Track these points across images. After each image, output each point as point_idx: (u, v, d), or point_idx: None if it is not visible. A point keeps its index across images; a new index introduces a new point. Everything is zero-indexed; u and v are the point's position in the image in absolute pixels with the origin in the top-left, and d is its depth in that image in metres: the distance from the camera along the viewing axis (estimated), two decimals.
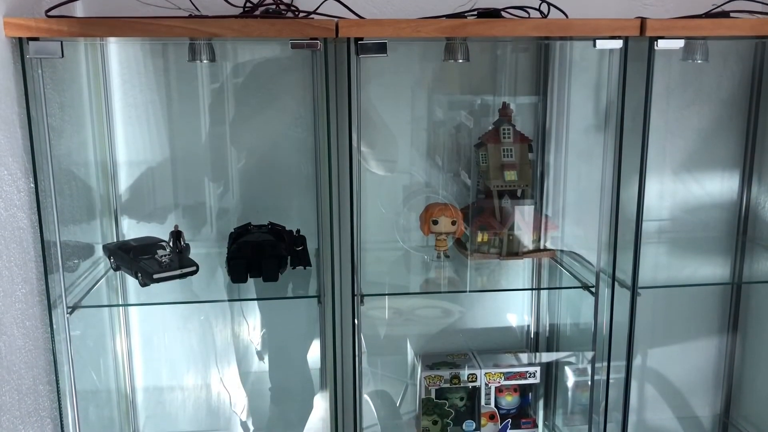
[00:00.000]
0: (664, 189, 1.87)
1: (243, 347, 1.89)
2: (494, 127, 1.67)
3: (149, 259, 1.51)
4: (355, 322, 1.55)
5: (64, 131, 1.50)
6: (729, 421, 2.01)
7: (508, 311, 1.95)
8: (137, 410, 1.87)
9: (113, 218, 1.73)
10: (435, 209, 1.66)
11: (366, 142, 1.75)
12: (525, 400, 1.84)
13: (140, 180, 1.73)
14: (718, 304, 1.96)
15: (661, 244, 1.89)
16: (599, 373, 1.63)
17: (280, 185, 1.77)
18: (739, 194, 1.88)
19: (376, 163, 1.79)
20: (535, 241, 1.68)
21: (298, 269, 1.63)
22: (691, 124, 1.85)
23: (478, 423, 1.80)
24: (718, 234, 1.91)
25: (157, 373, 1.86)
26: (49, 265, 1.38)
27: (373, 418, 1.94)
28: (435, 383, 1.78)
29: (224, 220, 1.77)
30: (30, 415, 1.30)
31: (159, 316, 1.83)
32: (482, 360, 1.82)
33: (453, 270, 1.73)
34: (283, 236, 1.63)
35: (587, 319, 1.64)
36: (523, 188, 1.67)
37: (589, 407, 1.67)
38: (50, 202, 1.36)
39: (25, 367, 1.29)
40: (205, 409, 1.90)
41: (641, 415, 2.01)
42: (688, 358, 1.99)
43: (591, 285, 1.59)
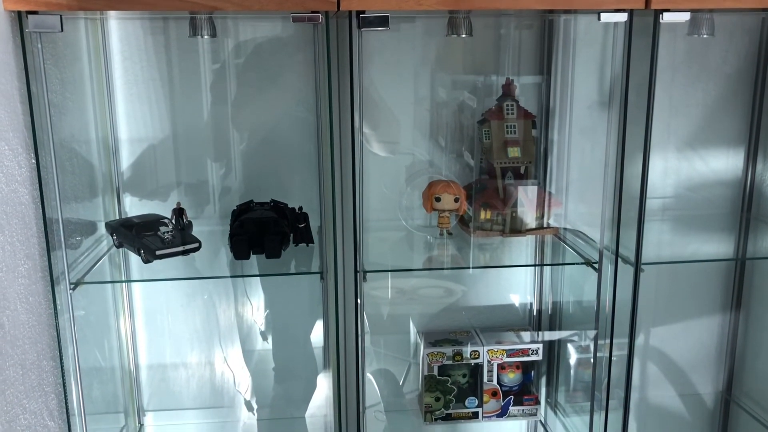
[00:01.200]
0: (668, 166, 1.86)
1: (246, 326, 1.90)
2: (497, 104, 1.66)
3: (152, 236, 1.51)
4: (358, 300, 1.55)
5: (65, 107, 1.49)
6: (731, 398, 2.01)
7: (510, 289, 1.95)
8: (141, 387, 1.88)
9: (115, 196, 1.73)
10: (438, 186, 1.65)
11: (368, 123, 1.74)
12: (527, 377, 1.84)
13: (142, 157, 1.73)
14: (722, 281, 1.96)
15: (664, 222, 1.88)
16: (602, 350, 1.64)
17: (283, 163, 1.76)
18: (744, 171, 1.87)
19: (379, 144, 1.78)
20: (538, 218, 1.68)
21: (301, 246, 1.63)
22: (696, 100, 1.83)
23: (480, 400, 1.81)
24: (723, 211, 1.90)
25: (160, 351, 1.87)
26: (52, 241, 1.37)
27: (376, 396, 1.95)
28: (437, 360, 1.78)
29: (227, 198, 1.76)
30: (34, 390, 1.30)
31: (162, 293, 1.83)
32: (485, 337, 1.83)
33: (456, 248, 1.73)
34: (285, 213, 1.63)
35: (590, 297, 1.64)
36: (527, 165, 1.66)
37: (592, 384, 1.68)
38: (52, 178, 1.36)
39: (29, 342, 1.29)
40: (209, 388, 1.91)
41: (643, 392, 2.02)
42: (690, 335, 1.99)
43: (594, 261, 1.58)
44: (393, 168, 1.80)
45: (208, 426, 1.93)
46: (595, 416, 1.67)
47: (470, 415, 1.81)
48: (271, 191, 1.71)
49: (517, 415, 1.83)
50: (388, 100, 1.76)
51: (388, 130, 1.79)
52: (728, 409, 2.02)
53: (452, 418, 1.81)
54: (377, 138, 1.78)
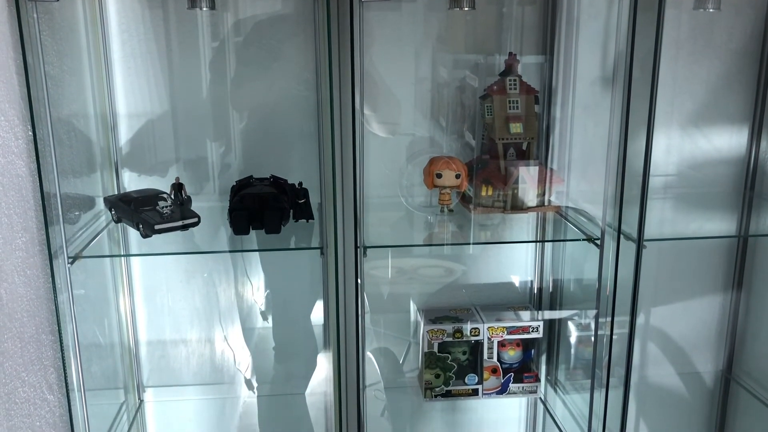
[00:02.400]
0: (671, 143, 1.84)
1: (246, 304, 1.89)
2: (500, 78, 1.64)
3: (150, 211, 1.50)
4: (358, 276, 1.54)
5: (62, 80, 1.47)
6: (731, 377, 2.01)
7: (511, 267, 1.94)
8: (141, 363, 1.87)
9: (114, 171, 1.71)
10: (439, 162, 1.63)
11: (368, 103, 1.72)
12: (527, 354, 1.84)
13: (141, 132, 1.71)
14: (723, 259, 1.95)
15: (667, 200, 1.87)
16: (602, 328, 1.63)
17: (282, 140, 1.75)
18: (748, 149, 1.86)
19: (379, 125, 1.77)
20: (540, 194, 1.66)
21: (301, 222, 1.62)
22: (701, 76, 1.81)
23: (480, 377, 1.81)
24: (725, 190, 1.88)
25: (160, 328, 1.87)
26: (49, 215, 1.36)
27: (376, 375, 1.95)
28: (438, 337, 1.78)
29: (226, 174, 1.75)
30: (33, 363, 1.30)
31: (161, 270, 1.82)
32: (485, 315, 1.82)
33: (456, 225, 1.72)
34: (285, 189, 1.62)
35: (591, 275, 1.63)
36: (529, 141, 1.65)
37: (592, 362, 1.67)
38: (49, 151, 1.35)
39: (27, 315, 1.28)
40: (209, 365, 1.91)
41: (644, 371, 2.02)
42: (691, 313, 1.99)
43: (596, 238, 1.57)
44: (393, 147, 1.79)
45: (208, 402, 1.93)
46: (596, 394, 1.67)
47: (470, 391, 1.81)
48: (270, 168, 1.70)
49: (517, 393, 1.83)
50: (389, 80, 1.74)
51: (389, 110, 1.77)
52: (728, 388, 2.02)
53: (452, 394, 1.81)
54: (377, 119, 1.76)
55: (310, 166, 1.72)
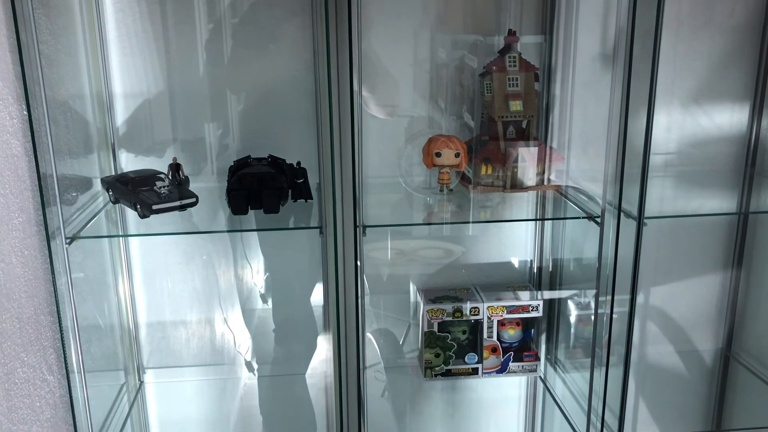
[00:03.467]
0: (671, 121, 1.83)
1: (246, 287, 1.89)
2: (499, 55, 1.62)
3: (148, 191, 1.49)
4: (357, 255, 1.53)
5: (57, 60, 1.46)
6: (731, 355, 2.02)
7: (511, 247, 1.94)
8: (140, 345, 1.87)
9: (111, 152, 1.70)
10: (438, 141, 1.62)
11: (367, 86, 1.71)
12: (527, 333, 1.84)
13: (137, 113, 1.70)
14: (724, 237, 1.95)
15: (667, 178, 1.87)
16: (602, 306, 1.63)
17: (280, 121, 1.73)
18: (749, 126, 1.85)
19: (378, 107, 1.75)
20: (540, 173, 1.65)
21: (300, 203, 1.61)
22: (702, 53, 1.80)
23: (480, 356, 1.81)
24: (726, 167, 1.88)
25: (160, 309, 1.86)
26: (46, 195, 1.35)
27: (376, 356, 1.95)
28: (437, 317, 1.78)
29: (224, 155, 1.74)
30: (32, 344, 1.30)
31: (160, 251, 1.82)
32: (485, 294, 1.82)
33: (456, 205, 1.71)
34: (283, 169, 1.61)
35: (591, 254, 1.63)
36: (529, 119, 1.64)
37: (592, 341, 1.67)
38: (45, 131, 1.33)
39: (26, 296, 1.28)
40: (209, 347, 1.91)
41: (643, 349, 2.02)
42: (691, 292, 1.99)
43: (596, 215, 1.57)
44: (392, 128, 1.78)
45: (208, 383, 1.94)
46: (595, 373, 1.67)
47: (470, 371, 1.81)
48: (268, 149, 1.69)
49: (517, 371, 1.83)
50: (387, 61, 1.73)
51: (387, 91, 1.76)
52: (727, 366, 2.02)
53: (452, 374, 1.81)
54: (376, 100, 1.75)
55: (309, 147, 1.71)
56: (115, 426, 1.70)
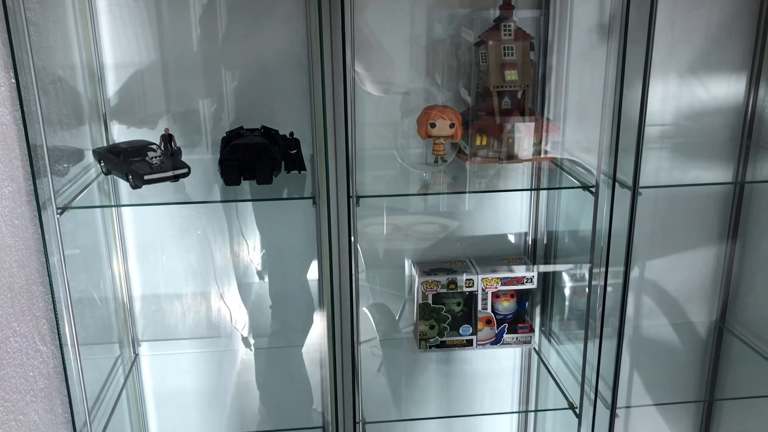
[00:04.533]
0: (668, 92, 1.82)
1: (241, 260, 1.88)
2: (495, 24, 1.61)
3: (140, 161, 1.48)
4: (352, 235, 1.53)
5: (45, 28, 1.43)
6: (724, 326, 2.02)
7: (506, 219, 1.93)
8: (135, 317, 1.87)
9: (102, 123, 1.68)
10: (433, 111, 1.60)
11: (362, 62, 1.69)
12: (522, 305, 1.84)
13: (129, 84, 1.68)
14: (719, 208, 1.94)
15: (663, 149, 1.86)
16: (596, 278, 1.63)
17: (273, 94, 1.72)
18: (746, 97, 1.83)
19: (372, 84, 1.74)
20: (535, 144, 1.64)
21: (293, 174, 1.60)
22: (699, 23, 1.78)
23: (474, 328, 1.81)
24: (722, 139, 1.87)
25: (154, 282, 1.86)
26: (36, 165, 1.34)
27: (372, 331, 1.95)
28: (432, 289, 1.77)
29: (217, 128, 1.72)
30: (24, 314, 1.29)
31: (154, 224, 1.80)
32: (480, 266, 1.82)
33: (451, 177, 1.70)
34: (276, 139, 1.59)
35: (586, 226, 1.63)
36: (524, 89, 1.62)
37: (586, 312, 1.68)
38: (34, 100, 1.31)
39: (17, 265, 1.27)
40: (204, 319, 1.91)
41: (637, 321, 2.03)
42: (686, 264, 1.99)
43: (591, 185, 1.56)
44: (388, 104, 1.76)
45: (204, 355, 1.94)
46: (589, 344, 1.68)
47: (464, 342, 1.81)
48: (262, 121, 1.67)
49: (512, 343, 1.84)
50: (382, 36, 1.71)
51: (382, 68, 1.74)
52: (721, 337, 2.03)
53: (447, 345, 1.81)
54: (371, 77, 1.73)
55: (302, 120, 1.70)
56: (110, 398, 1.70)
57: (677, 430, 2.16)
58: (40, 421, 1.34)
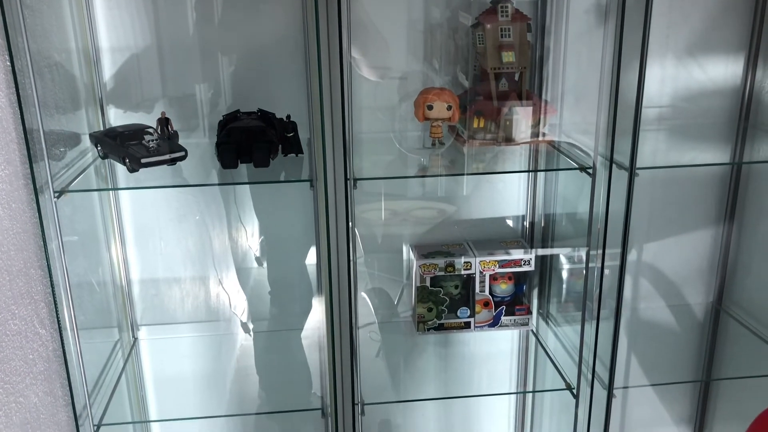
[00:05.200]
0: (665, 74, 1.82)
1: (239, 244, 1.88)
2: (492, 6, 1.60)
3: (137, 145, 1.47)
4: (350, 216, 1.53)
5: (40, 11, 1.42)
6: (721, 308, 2.03)
7: (504, 202, 1.93)
8: (134, 302, 1.88)
9: (99, 107, 1.68)
10: (430, 93, 1.60)
11: (359, 48, 1.68)
12: (519, 287, 1.85)
13: (125, 68, 1.67)
14: (716, 190, 1.95)
15: (660, 132, 1.86)
16: (594, 260, 1.63)
17: (270, 78, 1.71)
18: (743, 79, 1.83)
19: (369, 69, 1.73)
20: (533, 126, 1.64)
21: (290, 157, 1.60)
22: (696, 5, 1.77)
23: (472, 310, 1.82)
24: (720, 121, 1.86)
25: (152, 267, 1.86)
26: (33, 149, 1.34)
27: (370, 316, 1.96)
28: (430, 272, 1.78)
29: (214, 112, 1.72)
30: (22, 297, 1.29)
31: (151, 208, 1.80)
32: (477, 249, 1.82)
33: (449, 160, 1.70)
34: (273, 122, 1.59)
35: (584, 209, 1.63)
36: (521, 70, 1.62)
37: (583, 294, 1.68)
38: (29, 83, 1.31)
39: (15, 249, 1.27)
40: (203, 303, 1.91)
41: (635, 303, 2.03)
42: (683, 246, 2.00)
43: (589, 167, 1.56)
44: (385, 89, 1.76)
45: (203, 339, 1.94)
46: (586, 326, 1.68)
47: (462, 324, 1.82)
48: (258, 105, 1.67)
49: (509, 325, 1.85)
50: (379, 22, 1.70)
51: (379, 53, 1.73)
52: (718, 318, 2.04)
53: (445, 327, 1.82)
54: (367, 62, 1.72)
55: (299, 104, 1.69)
56: (110, 381, 1.71)
57: (674, 411, 2.18)
58: (40, 404, 1.35)
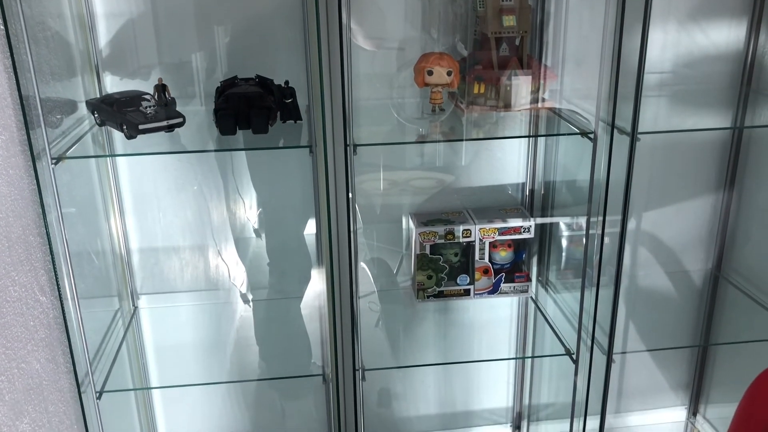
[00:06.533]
0: (667, 39, 1.80)
1: (237, 212, 1.88)
2: None
3: (134, 111, 1.46)
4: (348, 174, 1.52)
5: None
6: (720, 274, 2.04)
7: (503, 170, 1.92)
8: (133, 271, 1.87)
9: (95, 74, 1.66)
10: (430, 58, 1.58)
11: (357, 17, 1.66)
12: (519, 255, 1.85)
13: (121, 34, 1.65)
14: (717, 157, 1.94)
15: (662, 98, 1.84)
16: (594, 227, 1.63)
17: (269, 47, 1.69)
18: (746, 44, 1.81)
19: (366, 39, 1.71)
20: (533, 91, 1.63)
21: (289, 124, 1.59)
22: None
23: (472, 277, 1.82)
24: (722, 86, 1.85)
25: (152, 236, 1.85)
26: (29, 115, 1.32)
27: (370, 286, 1.96)
28: (429, 239, 1.78)
29: (211, 79, 1.70)
30: (22, 264, 1.29)
31: (150, 176, 1.79)
32: (477, 217, 1.82)
33: (449, 127, 1.69)
34: (271, 89, 1.57)
35: (584, 176, 1.62)
36: (522, 35, 1.60)
37: (583, 260, 1.68)
38: (24, 48, 1.29)
39: (13, 215, 1.27)
40: (203, 270, 1.91)
41: (634, 270, 2.04)
42: (683, 213, 1.99)
43: (590, 132, 1.55)
44: (383, 56, 1.74)
45: (203, 308, 1.95)
46: (586, 292, 1.69)
47: (462, 292, 1.82)
48: (256, 71, 1.65)
49: (509, 292, 1.85)
50: None
51: (376, 23, 1.70)
52: (717, 285, 2.05)
53: (444, 295, 1.82)
54: (364, 32, 1.70)
55: (297, 71, 1.67)
56: (111, 349, 1.71)
57: (672, 376, 2.20)
58: (42, 370, 1.35)
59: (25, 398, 1.27)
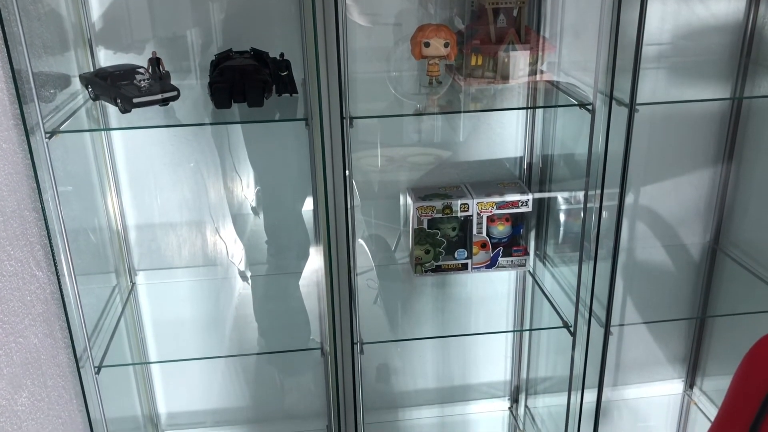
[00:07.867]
0: (666, 10, 1.78)
1: (236, 195, 1.87)
2: None
3: (128, 85, 1.45)
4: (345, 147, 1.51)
5: None
6: (718, 247, 2.04)
7: (501, 144, 1.91)
8: (130, 246, 1.87)
9: (88, 48, 1.64)
10: (427, 30, 1.57)
11: None
12: (517, 229, 1.85)
13: (114, 7, 1.63)
14: (716, 129, 1.93)
15: (660, 70, 1.83)
16: (592, 200, 1.63)
17: (263, 21, 1.67)
18: (746, 14, 1.79)
19: (361, 15, 1.69)
20: (531, 63, 1.61)
21: (284, 97, 1.57)
22: None
23: (469, 251, 1.82)
24: (721, 58, 1.83)
25: (148, 212, 1.85)
26: (22, 89, 1.31)
27: (368, 262, 1.96)
28: (427, 214, 1.77)
29: (206, 53, 1.68)
30: (18, 238, 1.29)
31: (145, 151, 1.78)
32: (475, 191, 1.81)
33: (446, 100, 1.68)
34: (266, 61, 1.56)
35: (582, 149, 1.61)
36: (520, 6, 1.58)
37: (581, 234, 1.68)
38: (14, 20, 1.27)
39: (7, 190, 1.26)
40: (200, 245, 1.91)
41: (632, 243, 2.04)
42: (681, 186, 1.99)
43: (588, 103, 1.54)
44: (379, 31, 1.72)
45: (201, 284, 1.95)
46: (584, 266, 1.69)
47: (460, 266, 1.82)
48: (251, 45, 1.63)
49: (506, 266, 1.85)
50: None
51: None
52: (714, 258, 2.05)
53: (442, 269, 1.82)
54: (359, 8, 1.68)
55: (292, 45, 1.65)
56: (109, 325, 1.71)
57: (669, 348, 2.21)
58: (40, 345, 1.35)
59: (23, 372, 1.27)
